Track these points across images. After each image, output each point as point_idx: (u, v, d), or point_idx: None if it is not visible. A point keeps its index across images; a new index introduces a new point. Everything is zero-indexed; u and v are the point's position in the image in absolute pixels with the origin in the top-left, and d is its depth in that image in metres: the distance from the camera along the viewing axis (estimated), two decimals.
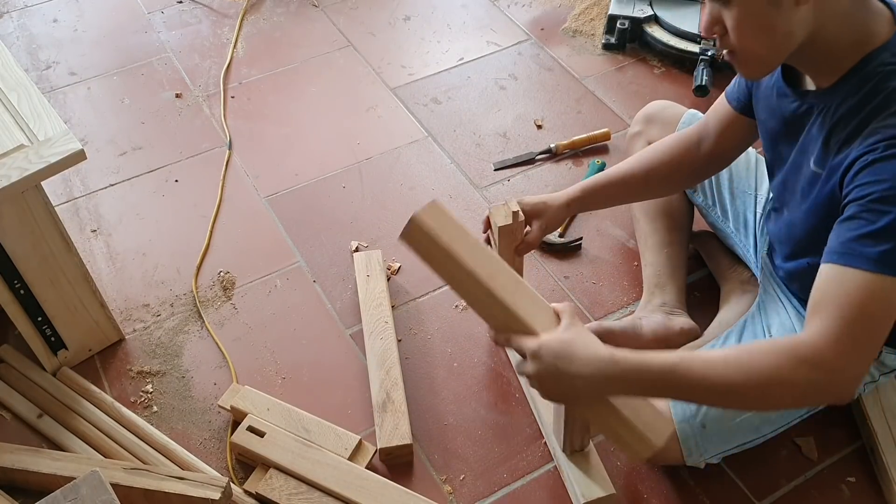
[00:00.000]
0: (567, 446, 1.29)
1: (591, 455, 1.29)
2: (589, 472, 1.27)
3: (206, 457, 1.38)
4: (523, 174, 1.87)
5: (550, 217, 1.32)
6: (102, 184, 1.88)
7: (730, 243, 1.51)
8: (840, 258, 0.93)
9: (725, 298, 1.52)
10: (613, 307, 1.59)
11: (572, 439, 1.28)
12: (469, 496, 1.33)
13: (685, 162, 1.33)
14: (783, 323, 1.27)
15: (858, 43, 0.98)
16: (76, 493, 1.00)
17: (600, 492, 1.25)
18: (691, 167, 1.34)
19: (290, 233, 1.76)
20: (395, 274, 1.66)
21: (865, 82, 0.98)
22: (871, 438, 1.32)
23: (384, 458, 1.36)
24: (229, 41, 2.27)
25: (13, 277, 1.30)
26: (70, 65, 2.20)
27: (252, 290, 1.65)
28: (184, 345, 1.56)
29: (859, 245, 0.92)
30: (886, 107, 0.95)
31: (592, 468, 1.28)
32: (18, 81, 1.34)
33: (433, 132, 1.98)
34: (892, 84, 0.95)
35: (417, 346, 1.54)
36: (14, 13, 2.39)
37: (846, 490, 1.32)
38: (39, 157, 1.20)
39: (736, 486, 1.32)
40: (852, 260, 0.92)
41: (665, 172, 1.34)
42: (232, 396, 1.41)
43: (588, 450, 1.30)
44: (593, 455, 1.30)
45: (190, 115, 2.05)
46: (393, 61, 2.19)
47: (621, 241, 1.71)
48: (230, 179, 1.88)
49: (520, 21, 2.31)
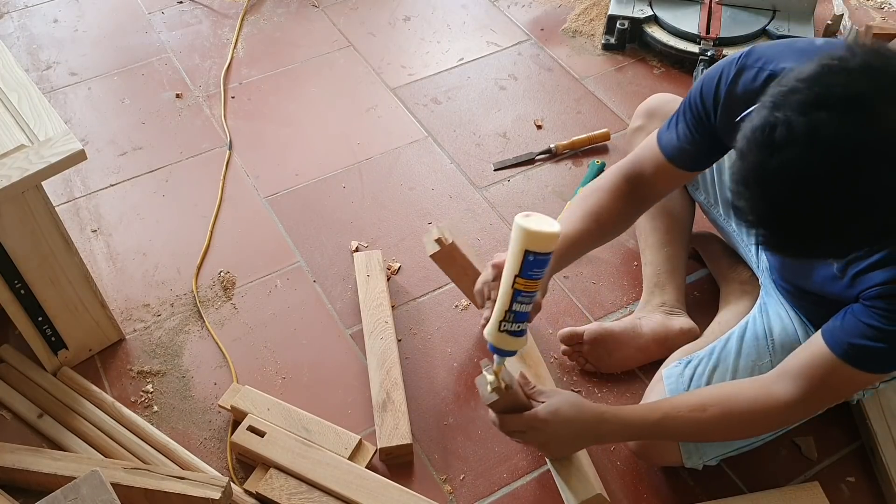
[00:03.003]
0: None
1: (575, 458, 1.26)
2: (573, 475, 1.24)
3: (207, 456, 1.38)
4: (523, 174, 1.87)
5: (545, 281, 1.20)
6: (103, 184, 1.88)
7: (731, 242, 1.51)
8: (830, 338, 1.02)
9: (725, 298, 1.52)
10: (613, 307, 1.59)
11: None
12: (469, 496, 1.33)
13: (631, 208, 1.26)
14: (785, 327, 1.26)
15: None
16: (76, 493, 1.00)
17: (585, 493, 1.22)
18: (639, 206, 1.28)
19: (290, 233, 1.76)
20: (395, 274, 1.66)
21: None
22: (871, 438, 1.32)
23: (384, 458, 1.36)
24: (229, 41, 2.27)
25: (13, 277, 1.30)
26: (70, 65, 2.21)
27: (252, 290, 1.65)
28: (184, 345, 1.56)
29: (848, 337, 0.99)
30: None
31: (576, 471, 1.24)
32: (19, 81, 1.34)
33: (433, 132, 1.98)
34: None
35: (417, 346, 1.54)
36: (14, 13, 2.39)
37: (846, 490, 1.32)
38: (40, 157, 1.20)
39: (736, 486, 1.32)
40: (835, 345, 1.01)
41: (615, 220, 1.26)
42: (232, 396, 1.41)
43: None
44: (577, 457, 1.26)
45: (190, 116, 2.05)
46: (393, 61, 2.19)
47: (621, 241, 1.71)
48: (230, 179, 1.88)
49: (520, 21, 2.31)
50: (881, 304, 0.96)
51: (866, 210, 0.75)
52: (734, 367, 1.24)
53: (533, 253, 1.01)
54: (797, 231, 0.79)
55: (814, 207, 0.76)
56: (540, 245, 1.00)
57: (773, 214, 0.79)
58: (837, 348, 1.00)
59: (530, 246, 1.01)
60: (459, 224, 1.75)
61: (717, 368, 1.25)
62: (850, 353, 0.99)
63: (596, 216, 1.23)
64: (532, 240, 1.00)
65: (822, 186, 0.75)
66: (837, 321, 1.02)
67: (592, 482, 1.23)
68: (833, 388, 1.05)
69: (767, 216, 0.80)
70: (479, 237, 1.73)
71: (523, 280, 1.03)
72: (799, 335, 1.24)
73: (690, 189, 1.53)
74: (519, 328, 1.08)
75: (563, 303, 1.60)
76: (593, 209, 1.23)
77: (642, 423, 1.16)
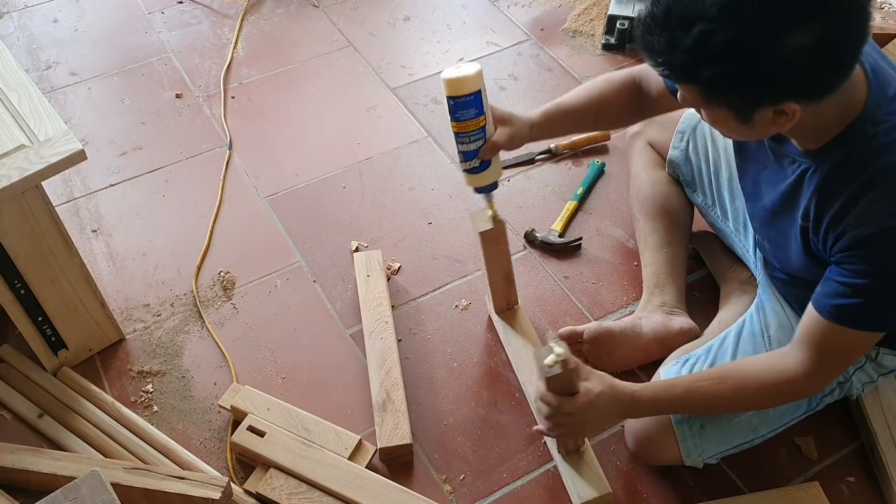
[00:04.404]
0: (562, 448, 1.30)
1: (586, 455, 1.30)
2: (584, 472, 1.27)
3: (207, 456, 1.38)
4: (523, 174, 1.87)
5: (515, 131, 1.25)
6: (103, 184, 1.88)
7: (729, 243, 1.51)
8: (816, 303, 1.07)
9: (725, 298, 1.52)
10: (613, 307, 1.59)
11: (566, 444, 1.29)
12: (469, 496, 1.33)
13: (632, 106, 1.33)
14: (781, 323, 1.27)
15: (842, 115, 0.98)
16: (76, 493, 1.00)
17: (594, 492, 1.25)
18: (639, 111, 1.34)
19: (290, 233, 1.76)
20: (395, 274, 1.66)
21: (852, 154, 0.98)
22: (871, 438, 1.32)
23: (384, 458, 1.36)
24: (229, 41, 2.27)
25: (14, 277, 1.31)
26: (70, 65, 2.21)
27: (252, 290, 1.65)
28: (184, 345, 1.56)
29: (830, 299, 1.04)
30: (871, 186, 0.96)
31: (588, 468, 1.28)
32: (19, 81, 1.34)
33: (433, 132, 1.98)
34: (881, 161, 0.96)
35: (417, 346, 1.54)
36: (14, 13, 2.39)
37: (846, 490, 1.32)
38: (40, 157, 1.20)
39: (736, 485, 1.32)
40: (822, 309, 1.05)
41: (615, 112, 1.33)
42: (232, 396, 1.41)
43: (584, 450, 1.30)
44: (588, 455, 1.30)
45: (190, 116, 2.05)
46: (393, 61, 2.19)
47: (621, 241, 1.71)
48: (230, 179, 1.88)
49: (520, 21, 2.31)
50: (847, 259, 1.00)
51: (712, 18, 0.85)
52: None
53: (452, 98, 1.17)
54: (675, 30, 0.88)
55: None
56: (454, 90, 1.16)
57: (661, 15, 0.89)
58: (825, 312, 1.04)
59: (448, 92, 1.17)
60: (459, 224, 1.75)
61: (714, 366, 1.25)
62: (834, 313, 1.03)
63: (599, 100, 1.30)
64: (447, 87, 1.16)
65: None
66: (820, 286, 1.06)
67: (605, 480, 1.26)
68: (834, 352, 1.08)
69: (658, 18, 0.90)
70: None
71: (455, 123, 1.20)
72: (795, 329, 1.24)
73: (688, 191, 1.54)
74: (473, 165, 1.24)
75: (563, 303, 1.60)
76: (599, 93, 1.31)
77: (668, 397, 1.18)
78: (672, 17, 0.88)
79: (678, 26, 0.87)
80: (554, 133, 1.34)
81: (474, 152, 1.22)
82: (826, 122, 0.98)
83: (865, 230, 0.97)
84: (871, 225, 0.97)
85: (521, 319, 1.50)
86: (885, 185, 0.96)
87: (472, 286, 1.64)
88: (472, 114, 1.18)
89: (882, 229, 0.96)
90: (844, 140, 0.99)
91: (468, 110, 1.18)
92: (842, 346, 1.07)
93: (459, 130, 1.20)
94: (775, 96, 0.90)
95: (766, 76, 0.88)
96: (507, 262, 1.43)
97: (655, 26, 0.90)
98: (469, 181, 1.27)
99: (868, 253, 0.98)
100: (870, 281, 0.99)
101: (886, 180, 0.96)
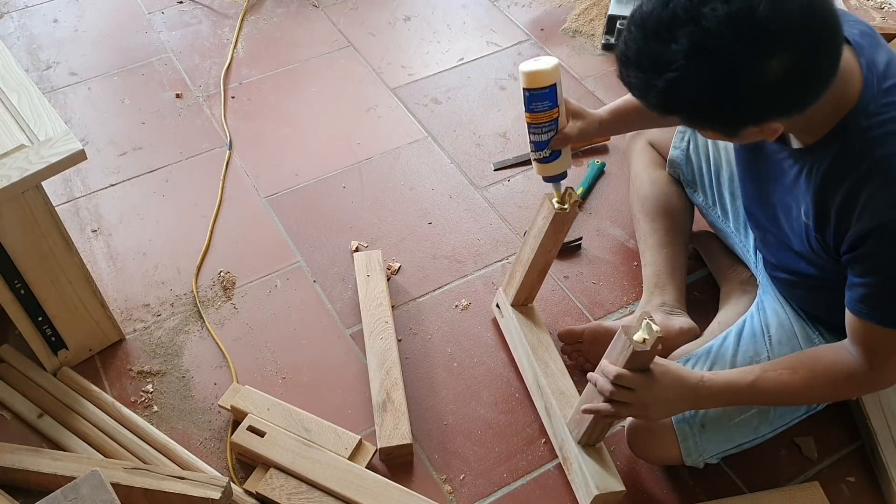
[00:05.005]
0: (584, 439, 1.28)
1: (602, 451, 1.29)
2: (603, 465, 1.27)
3: (207, 456, 1.38)
4: (523, 174, 1.87)
5: (586, 126, 1.29)
6: (103, 184, 1.88)
7: (729, 243, 1.51)
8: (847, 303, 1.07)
9: (725, 298, 1.52)
10: (613, 307, 1.59)
11: (592, 433, 1.27)
12: (469, 496, 1.33)
13: None
14: (781, 322, 1.27)
15: (836, 109, 0.98)
16: (76, 493, 1.00)
17: (617, 485, 1.25)
18: None
19: (290, 233, 1.76)
20: (395, 274, 1.66)
21: (848, 148, 0.99)
22: (871, 438, 1.32)
23: (384, 458, 1.36)
24: (229, 41, 2.27)
25: (13, 277, 1.30)
26: (70, 65, 2.21)
27: (252, 290, 1.65)
28: (184, 345, 1.56)
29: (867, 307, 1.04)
30: (869, 179, 0.97)
31: (606, 463, 1.28)
32: (19, 81, 1.34)
33: (433, 132, 1.98)
34: (876, 154, 0.96)
35: (417, 346, 1.54)
36: (14, 13, 2.39)
37: (846, 490, 1.32)
38: (40, 157, 1.20)
39: (736, 485, 1.32)
40: (853, 309, 1.06)
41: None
42: (232, 396, 1.41)
43: (600, 446, 1.30)
44: (605, 451, 1.30)
45: (190, 116, 2.05)
46: (393, 61, 2.19)
47: (621, 241, 1.71)
48: (230, 179, 1.88)
49: (520, 21, 2.31)
50: (854, 258, 1.01)
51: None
52: (731, 364, 1.25)
53: (529, 90, 1.20)
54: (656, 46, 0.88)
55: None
56: (532, 82, 1.19)
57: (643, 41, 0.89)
58: (859, 313, 1.05)
59: (526, 84, 1.20)
60: (459, 224, 1.75)
61: (715, 366, 1.25)
62: (864, 312, 1.04)
63: None
64: (525, 79, 1.19)
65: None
66: (847, 290, 1.06)
67: (620, 478, 1.26)
68: (882, 350, 1.07)
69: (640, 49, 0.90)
70: (478, 237, 1.73)
71: (529, 114, 1.23)
72: (795, 329, 1.26)
73: (689, 191, 1.54)
74: (544, 155, 1.26)
75: (563, 303, 1.60)
76: None
77: (737, 386, 1.14)
78: (643, 60, 0.89)
79: (650, 69, 0.88)
80: (620, 129, 1.38)
81: (545, 143, 1.25)
82: (819, 118, 0.98)
83: (866, 224, 0.97)
84: (871, 218, 0.97)
85: (537, 316, 1.49)
86: (882, 177, 0.96)
87: (472, 286, 1.64)
88: (545, 106, 1.22)
89: (882, 222, 0.96)
90: (840, 134, 0.99)
91: (542, 102, 1.21)
92: (885, 343, 1.06)
93: (532, 121, 1.23)
94: (755, 119, 0.92)
95: (742, 108, 0.89)
96: (554, 254, 1.42)
97: (630, 66, 0.91)
98: (539, 170, 1.29)
99: (871, 248, 0.98)
100: (879, 278, 0.99)
101: (883, 173, 0.96)
